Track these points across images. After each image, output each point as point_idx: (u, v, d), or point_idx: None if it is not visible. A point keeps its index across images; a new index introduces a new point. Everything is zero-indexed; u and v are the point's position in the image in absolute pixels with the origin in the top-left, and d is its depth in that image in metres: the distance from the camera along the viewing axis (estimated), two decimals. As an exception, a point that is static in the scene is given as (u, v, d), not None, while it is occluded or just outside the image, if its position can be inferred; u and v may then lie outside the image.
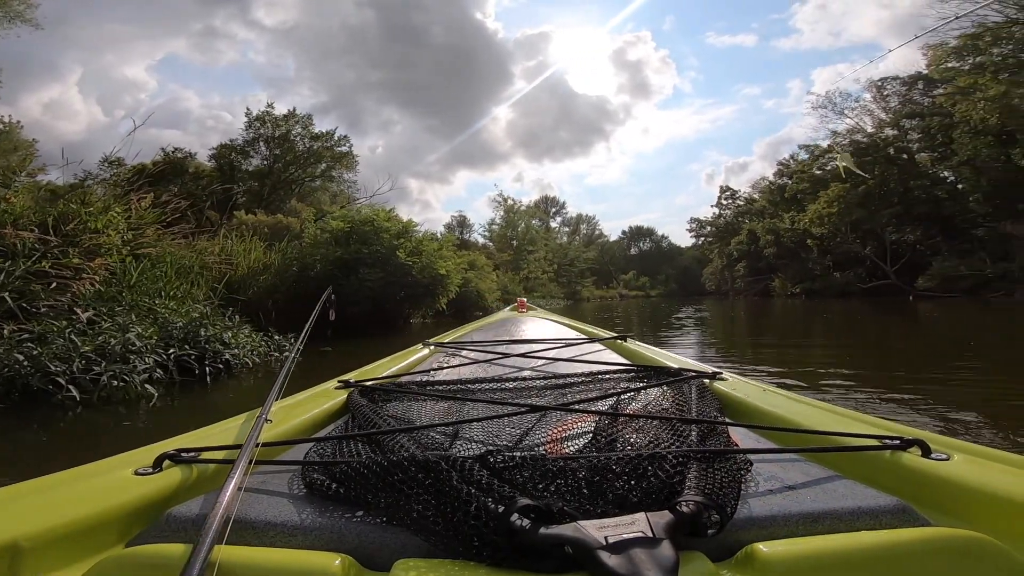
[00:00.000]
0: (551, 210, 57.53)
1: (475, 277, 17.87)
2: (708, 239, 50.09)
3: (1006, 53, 21.68)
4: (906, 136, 29.69)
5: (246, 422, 0.91)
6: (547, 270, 39.03)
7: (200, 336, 4.78)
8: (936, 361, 5.78)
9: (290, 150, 26.69)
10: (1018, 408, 3.35)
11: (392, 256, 10.55)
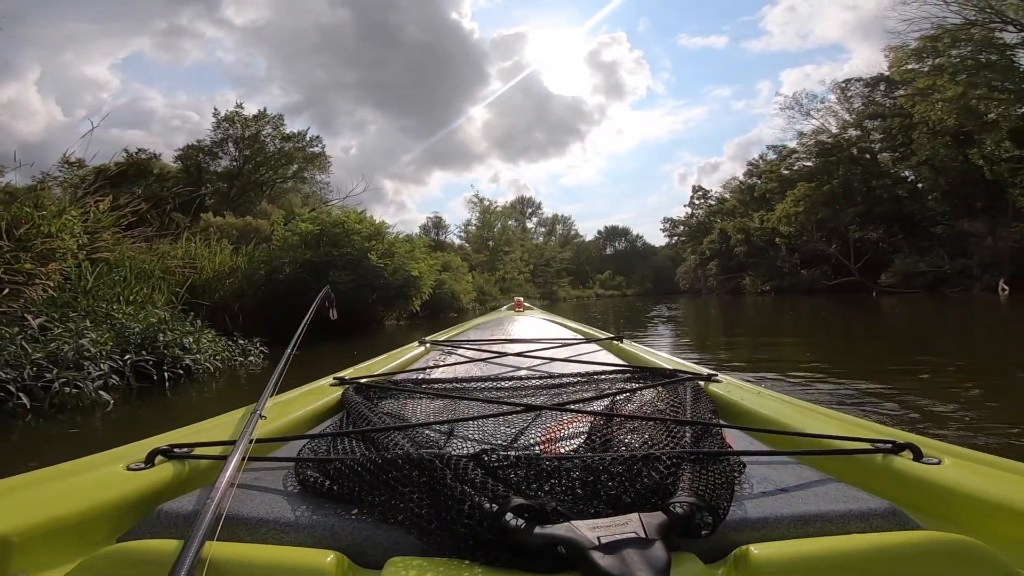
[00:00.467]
0: (527, 211, 57.74)
1: (449, 278, 17.83)
2: (681, 238, 50.83)
3: (964, 55, 22.46)
4: (868, 136, 30.63)
5: (240, 418, 0.90)
6: (523, 270, 39.08)
7: (158, 341, 4.68)
8: (899, 355, 6.00)
9: (260, 151, 26.19)
10: (975, 398, 3.51)
11: (364, 258, 10.46)
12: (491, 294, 26.17)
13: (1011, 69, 22.02)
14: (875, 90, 30.28)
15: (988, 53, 22.32)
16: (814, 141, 32.74)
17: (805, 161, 33.79)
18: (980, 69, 22.00)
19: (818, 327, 10.51)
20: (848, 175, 28.72)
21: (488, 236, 39.75)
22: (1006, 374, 4.48)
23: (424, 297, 12.54)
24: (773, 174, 36.27)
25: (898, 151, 28.40)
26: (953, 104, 22.05)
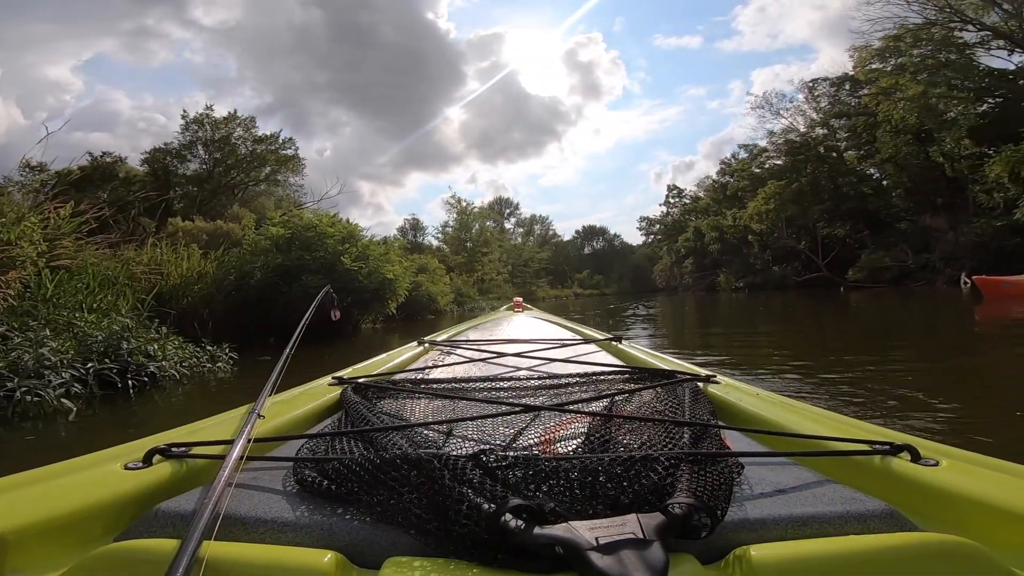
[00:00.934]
0: (505, 211, 57.82)
1: (426, 280, 17.80)
2: (657, 237, 51.31)
3: (925, 54, 22.91)
4: (835, 135, 31.23)
5: (238, 417, 0.90)
6: (501, 271, 39.12)
7: (122, 349, 4.61)
8: (865, 346, 6.21)
9: (231, 153, 25.70)
10: (941, 385, 3.73)
11: (337, 262, 10.40)
12: (469, 295, 26.16)
13: (970, 68, 22.59)
14: (841, 89, 30.82)
15: (948, 52, 22.80)
16: (783, 140, 33.32)
17: (775, 159, 34.39)
18: (940, 68, 22.45)
19: (789, 322, 10.78)
20: (816, 173, 29.31)
21: (466, 237, 39.68)
22: (964, 361, 4.70)
23: (400, 300, 12.50)
24: (745, 172, 36.89)
25: (863, 149, 29.00)
26: (914, 103, 22.53)
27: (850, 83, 29.70)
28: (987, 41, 22.58)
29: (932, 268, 20.39)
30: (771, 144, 34.77)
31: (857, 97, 28.96)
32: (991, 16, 21.89)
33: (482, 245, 38.65)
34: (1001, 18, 21.67)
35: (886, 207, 26.34)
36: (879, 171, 28.26)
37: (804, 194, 28.79)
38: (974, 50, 22.91)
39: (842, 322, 10.17)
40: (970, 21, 22.13)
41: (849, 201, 27.61)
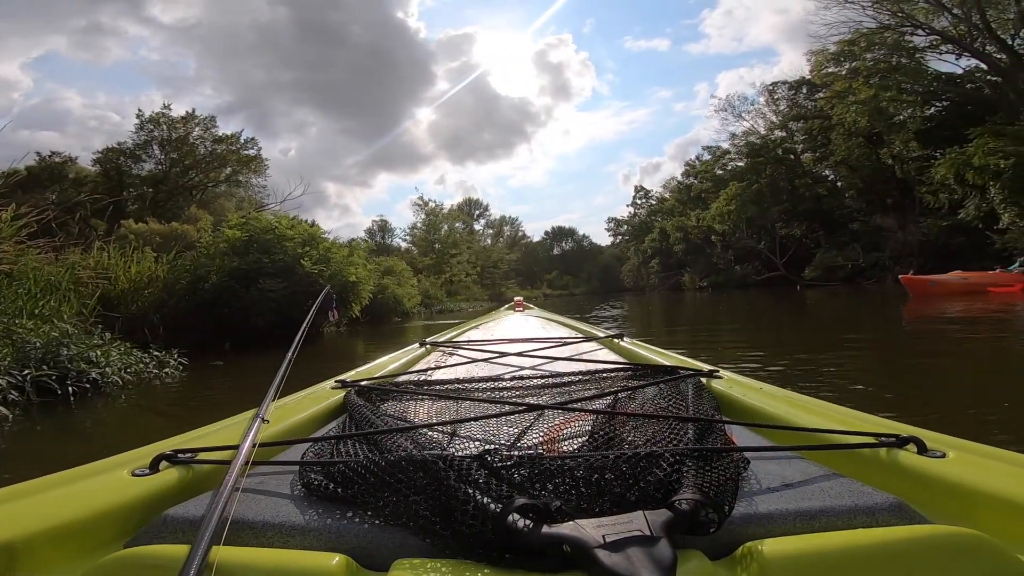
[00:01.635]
0: (475, 212, 57.65)
1: (392, 283, 17.64)
2: (625, 238, 52.04)
3: (877, 58, 23.59)
4: (793, 137, 32.11)
5: (243, 422, 0.88)
6: (470, 273, 39.08)
7: (61, 356, 4.48)
8: (820, 339, 6.53)
9: (189, 154, 25.08)
10: (885, 370, 4.12)
11: (296, 265, 10.25)
12: (437, 298, 26.07)
13: (920, 71, 23.35)
14: (799, 93, 31.69)
15: (899, 56, 23.47)
16: (744, 142, 34.19)
17: (736, 161, 35.30)
18: (891, 72, 23.10)
19: (749, 318, 11.11)
20: (774, 174, 30.12)
21: (434, 239, 39.52)
22: (902, 349, 4.98)
23: (364, 302, 12.39)
24: (708, 174, 37.77)
25: (819, 151, 29.93)
26: (866, 106, 23.21)
27: (807, 87, 30.50)
28: (936, 45, 23.27)
29: (882, 266, 21.23)
30: (733, 146, 35.75)
31: (813, 100, 29.78)
32: (941, 21, 22.48)
33: (451, 247, 38.55)
34: (950, 23, 22.26)
35: (839, 207, 27.29)
36: (833, 172, 29.20)
37: (763, 195, 29.57)
38: (924, 54, 23.64)
39: (792, 318, 10.54)
40: (920, 26, 22.69)
41: (805, 202, 28.48)
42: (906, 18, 22.74)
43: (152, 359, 5.64)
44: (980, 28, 20.91)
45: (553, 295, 47.95)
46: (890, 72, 23.10)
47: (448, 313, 22.60)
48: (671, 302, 22.51)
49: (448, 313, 22.60)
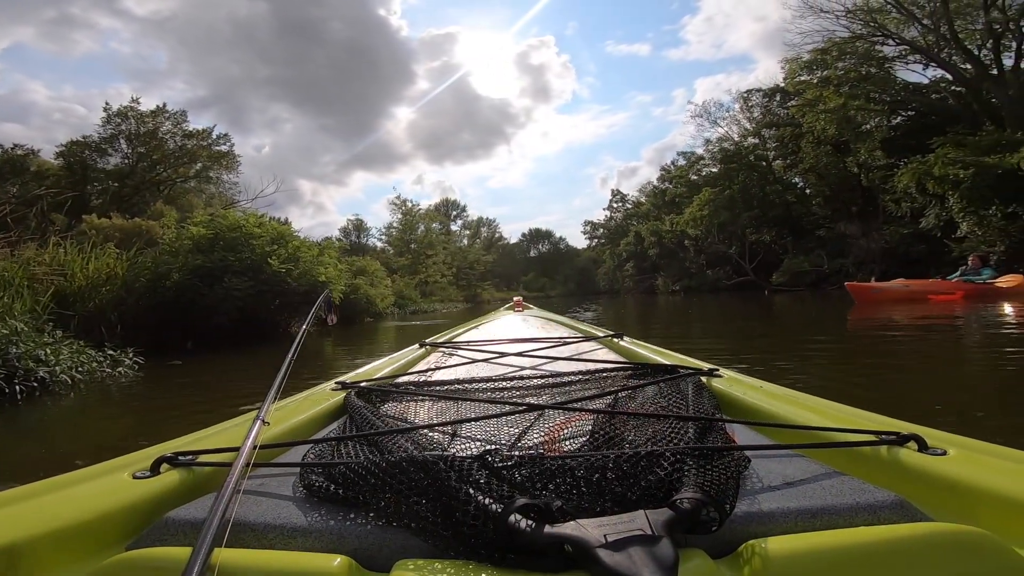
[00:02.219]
0: (452, 213, 57.61)
1: (364, 283, 17.48)
2: (601, 241, 52.58)
3: (848, 67, 23.98)
4: (765, 144, 32.68)
5: (243, 424, 0.88)
6: (446, 273, 38.94)
7: (10, 354, 4.36)
8: (783, 340, 6.75)
9: (158, 148, 24.52)
10: (841, 368, 4.33)
11: (264, 264, 10.12)
12: (411, 299, 25.88)
13: (888, 81, 23.86)
14: (772, 100, 32.18)
15: (869, 66, 23.90)
16: (718, 148, 34.71)
17: (711, 167, 35.75)
18: (861, 81, 23.52)
19: (718, 321, 11.34)
20: (746, 181, 30.66)
21: (411, 239, 39.30)
22: (860, 350, 5.18)
23: (334, 303, 12.27)
24: (682, 179, 38.32)
25: (789, 159, 30.46)
26: (835, 114, 23.56)
27: (780, 94, 30.95)
28: (905, 55, 23.76)
29: (846, 272, 21.72)
30: (707, 152, 36.26)
31: (786, 108, 30.11)
32: (911, 31, 22.88)
33: (427, 247, 38.38)
34: (920, 33, 22.66)
35: (807, 214, 27.93)
36: (803, 180, 29.84)
37: (735, 201, 30.10)
38: (893, 64, 24.12)
39: (765, 320, 10.78)
40: (891, 35, 23.09)
41: (775, 208, 29.04)
42: (878, 28, 23.19)
43: (106, 358, 5.52)
44: (948, 39, 21.35)
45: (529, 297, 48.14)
46: (860, 81, 23.58)
47: (422, 314, 22.49)
48: (645, 305, 22.79)
49: (422, 314, 22.49)
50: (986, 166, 15.93)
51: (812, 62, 25.10)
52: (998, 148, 16.40)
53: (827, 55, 24.21)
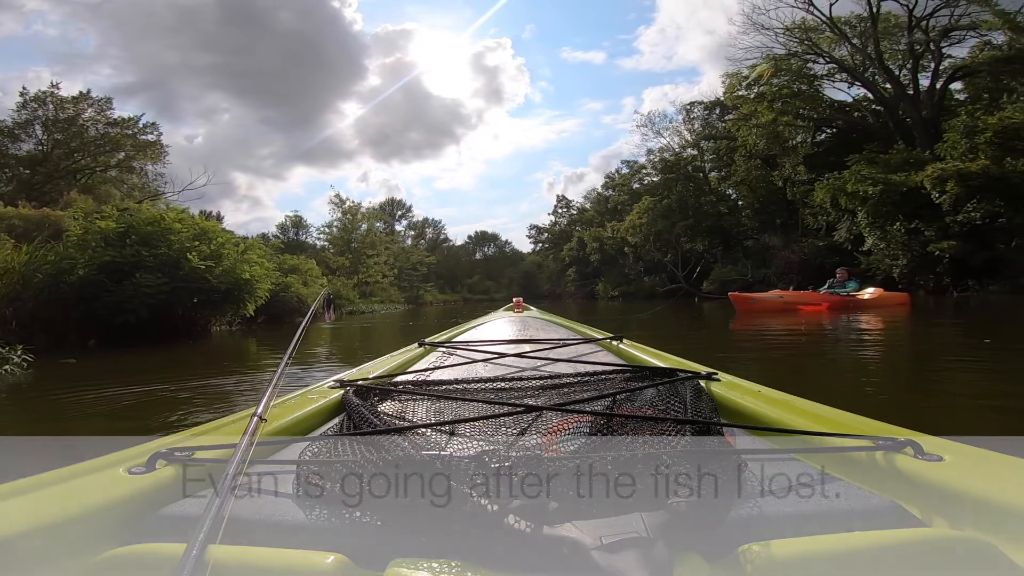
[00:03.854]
0: (397, 213, 56.95)
1: (296, 282, 17.03)
2: (545, 245, 53.11)
3: (782, 84, 24.95)
4: (702, 156, 33.76)
5: (241, 421, 0.87)
6: (387, 274, 38.38)
7: None
8: (707, 343, 7.17)
9: (77, 136, 23.12)
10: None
11: (182, 260, 9.75)
12: (349, 299, 25.40)
13: (816, 98, 25.01)
14: (712, 113, 33.23)
15: (800, 83, 24.93)
16: (659, 158, 35.50)
17: (652, 176, 36.69)
18: (792, 98, 24.54)
19: (651, 325, 11.77)
20: (684, 191, 31.63)
21: (352, 238, 38.51)
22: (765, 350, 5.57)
23: (260, 301, 11.94)
24: (625, 187, 39.29)
25: (723, 171, 31.61)
26: (765, 129, 24.64)
27: (720, 108, 31.96)
28: (833, 74, 24.95)
29: (768, 282, 22.90)
30: (649, 162, 37.13)
31: (724, 122, 31.18)
32: (841, 50, 23.99)
33: (368, 247, 37.71)
34: (848, 52, 23.81)
35: (737, 225, 29.23)
36: (735, 192, 31.11)
37: (672, 210, 31.03)
38: (821, 82, 25.27)
39: (693, 325, 11.29)
40: (822, 54, 24.15)
41: (708, 219, 30.07)
42: (812, 46, 24.13)
43: (-12, 353, 5.22)
44: (873, 58, 22.49)
45: (473, 299, 48.10)
46: (791, 98, 24.53)
47: (359, 315, 22.16)
48: (585, 309, 23.27)
49: (359, 315, 22.16)
50: (893, 183, 17.16)
51: (750, 77, 25.95)
52: (906, 166, 17.68)
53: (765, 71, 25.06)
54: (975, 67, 20.15)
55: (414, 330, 12.77)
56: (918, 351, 5.96)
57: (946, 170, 15.71)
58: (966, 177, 15.26)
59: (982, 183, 15.08)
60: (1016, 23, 19.07)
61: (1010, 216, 14.70)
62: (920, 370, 4.64)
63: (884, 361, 5.18)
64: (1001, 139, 15.38)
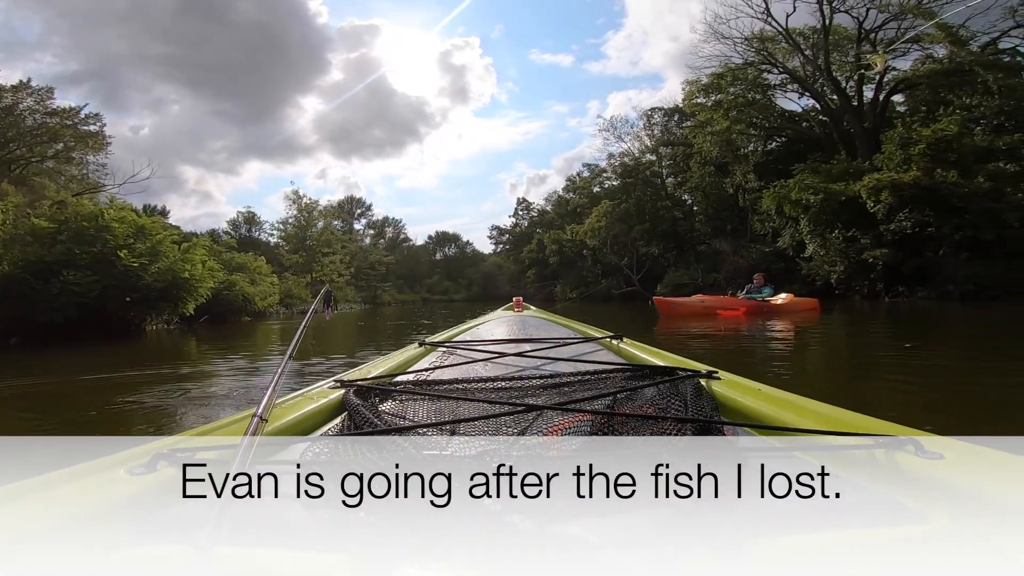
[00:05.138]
0: (356, 211, 56.06)
1: (242, 280, 16.60)
2: (506, 247, 53.22)
3: (738, 92, 25.38)
4: (661, 162, 34.36)
5: (242, 421, 0.86)
6: (343, 273, 37.74)
7: None
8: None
9: (14, 125, 21.97)
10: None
11: (115, 258, 9.41)
12: (301, 298, 24.87)
13: (769, 108, 25.57)
14: (671, 119, 33.78)
15: (755, 92, 25.40)
16: (620, 163, 36.07)
17: (612, 180, 37.15)
18: (747, 107, 25.01)
19: (604, 326, 11.99)
20: (641, 196, 32.09)
21: (308, 236, 37.71)
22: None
23: (200, 300, 11.61)
24: (585, 190, 39.72)
25: (680, 176, 32.23)
26: (719, 137, 25.17)
27: (679, 114, 32.46)
28: (785, 84, 25.40)
29: (718, 286, 23.56)
30: (609, 166, 37.65)
31: (682, 128, 31.77)
32: (794, 61, 24.40)
33: (323, 245, 37.01)
34: (800, 63, 24.30)
35: (691, 230, 29.88)
36: (691, 197, 31.76)
37: (630, 214, 31.48)
38: (775, 92, 25.74)
39: (644, 324, 11.55)
40: (776, 64, 24.60)
41: (664, 223, 30.63)
42: (767, 56, 24.55)
43: None
44: (823, 69, 23.04)
45: (432, 300, 47.83)
46: (746, 107, 25.03)
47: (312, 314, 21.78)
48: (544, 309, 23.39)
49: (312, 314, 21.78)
50: (833, 192, 17.83)
51: (709, 86, 26.32)
52: (846, 176, 18.36)
53: (722, 79, 25.50)
54: (915, 80, 20.85)
55: (366, 330, 12.64)
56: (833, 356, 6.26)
57: (881, 180, 16.42)
58: (899, 187, 15.97)
59: (914, 193, 15.79)
60: (957, 36, 19.72)
61: (938, 225, 15.45)
62: (832, 375, 4.87)
63: (794, 365, 5.40)
64: (934, 151, 16.09)
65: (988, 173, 15.38)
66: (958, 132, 16.29)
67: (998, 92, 17.75)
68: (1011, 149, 16.29)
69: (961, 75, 18.93)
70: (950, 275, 15.14)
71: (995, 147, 16.31)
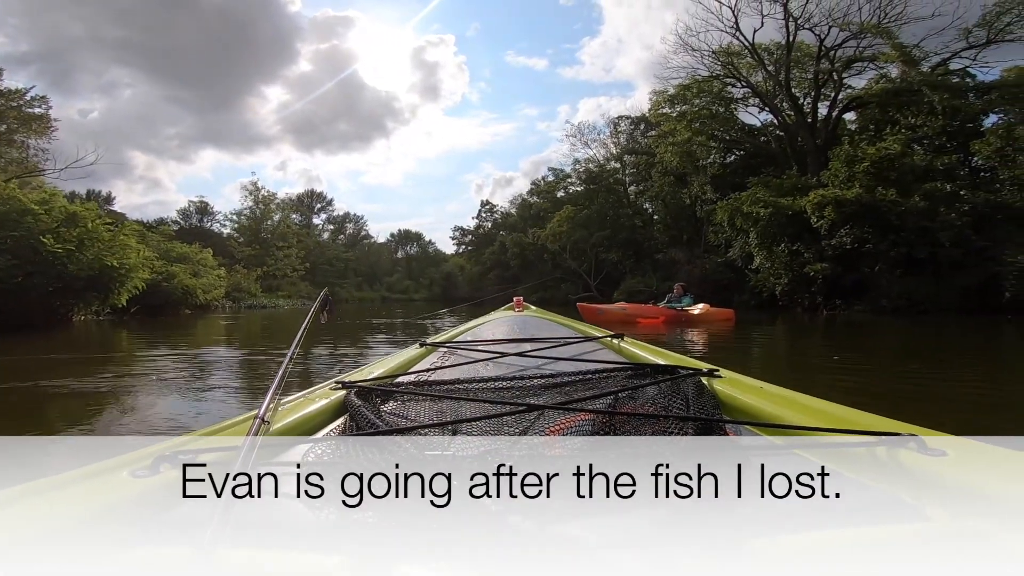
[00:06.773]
0: (316, 205, 54.99)
1: (182, 271, 15.99)
2: (468, 248, 53.12)
3: (702, 104, 26.00)
4: (624, 170, 35.06)
5: (243, 423, 0.86)
6: (298, 268, 36.87)
7: None
8: None
9: (-48, 106, 20.79)
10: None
11: (38, 243, 8.95)
12: (251, 292, 24.17)
13: (730, 120, 26.25)
14: (637, 128, 34.50)
15: (718, 105, 26.02)
16: (584, 169, 36.58)
17: (576, 186, 37.64)
18: (710, 119, 25.62)
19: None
20: (604, 202, 32.71)
21: (263, 228, 36.71)
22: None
23: (133, 292, 11.14)
24: (550, 195, 40.06)
25: (642, 185, 32.91)
26: (680, 147, 25.67)
27: (644, 124, 33.15)
28: (747, 98, 26.09)
29: (671, 293, 24.19)
30: (574, 171, 38.11)
31: (647, 137, 32.39)
32: (757, 76, 25.07)
33: (278, 238, 36.09)
34: (763, 78, 24.94)
35: (649, 238, 30.47)
36: (651, 206, 32.51)
37: (592, 221, 32.02)
38: (737, 105, 26.44)
39: None
40: (739, 78, 25.23)
41: (624, 231, 31.24)
42: (732, 70, 25.14)
43: None
44: (783, 85, 23.65)
45: (392, 298, 47.29)
46: (708, 119, 25.65)
47: (259, 309, 21.12)
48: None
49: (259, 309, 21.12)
50: (781, 207, 18.41)
51: (675, 96, 26.88)
52: (795, 191, 18.95)
53: (688, 91, 26.10)
54: (867, 98, 21.60)
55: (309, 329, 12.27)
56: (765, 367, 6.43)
57: (826, 196, 17.01)
58: (842, 204, 16.56)
59: (855, 210, 16.40)
60: (910, 56, 20.49)
61: (876, 242, 16.11)
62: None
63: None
64: (876, 169, 16.79)
65: (925, 192, 16.06)
66: (901, 151, 16.97)
67: (942, 112, 18.56)
68: (948, 169, 17.06)
69: (910, 94, 19.65)
70: (885, 290, 15.80)
71: (933, 167, 17.05)
